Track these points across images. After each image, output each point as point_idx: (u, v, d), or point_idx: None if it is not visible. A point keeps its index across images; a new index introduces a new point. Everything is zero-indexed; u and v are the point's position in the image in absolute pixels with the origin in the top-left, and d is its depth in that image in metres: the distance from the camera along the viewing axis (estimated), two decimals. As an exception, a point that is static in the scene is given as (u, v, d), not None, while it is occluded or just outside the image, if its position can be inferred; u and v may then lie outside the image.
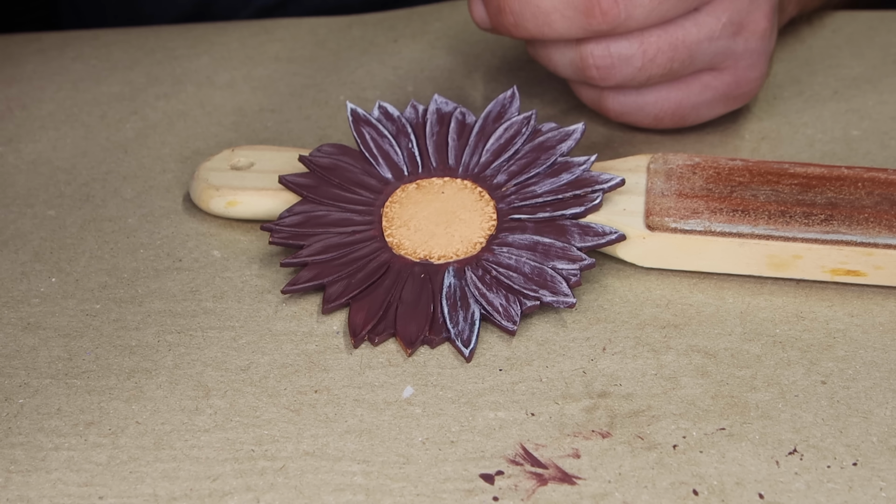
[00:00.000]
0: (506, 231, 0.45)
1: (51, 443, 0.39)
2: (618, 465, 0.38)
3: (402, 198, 0.46)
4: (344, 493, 0.37)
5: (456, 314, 0.42)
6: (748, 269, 0.45)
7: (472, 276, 0.44)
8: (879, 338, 0.43)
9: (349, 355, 0.42)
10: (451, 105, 0.49)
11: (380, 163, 0.48)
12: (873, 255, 0.43)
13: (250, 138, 0.53)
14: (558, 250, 0.44)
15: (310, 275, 0.44)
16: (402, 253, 0.44)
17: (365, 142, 0.48)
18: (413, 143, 0.48)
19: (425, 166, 0.48)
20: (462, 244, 0.45)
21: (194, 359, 0.42)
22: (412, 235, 0.45)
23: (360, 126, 0.48)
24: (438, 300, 0.43)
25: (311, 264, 0.44)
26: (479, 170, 0.47)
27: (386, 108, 0.49)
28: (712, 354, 0.42)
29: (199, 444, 0.39)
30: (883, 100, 0.54)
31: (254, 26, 0.61)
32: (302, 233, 0.45)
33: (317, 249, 0.44)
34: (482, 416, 0.40)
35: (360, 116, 0.48)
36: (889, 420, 0.40)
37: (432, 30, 0.60)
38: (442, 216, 0.46)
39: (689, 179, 0.46)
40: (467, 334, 0.42)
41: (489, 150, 0.48)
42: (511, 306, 0.43)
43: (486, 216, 0.46)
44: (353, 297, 0.43)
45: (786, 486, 0.37)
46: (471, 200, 0.46)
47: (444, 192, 0.47)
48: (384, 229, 0.45)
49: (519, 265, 0.44)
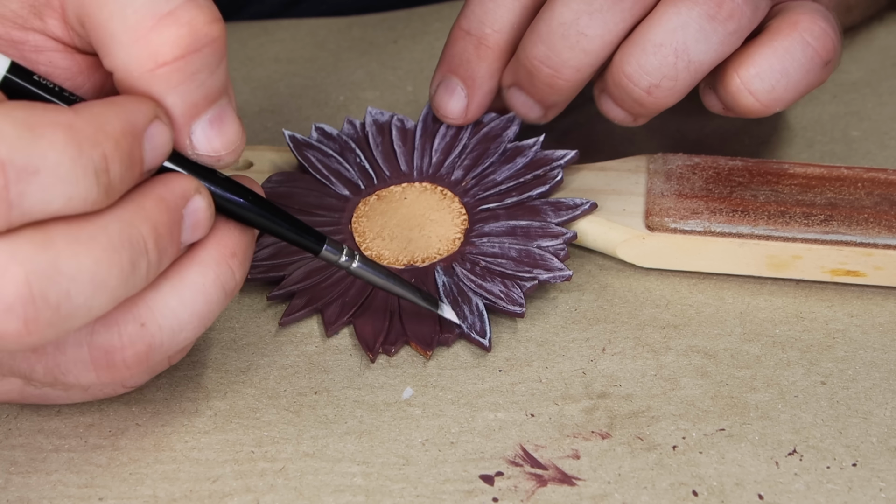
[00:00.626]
0: (479, 222, 0.45)
1: (51, 444, 0.39)
2: (617, 465, 0.38)
3: (367, 211, 0.46)
4: (344, 495, 0.37)
5: (461, 309, 0.42)
6: (748, 270, 0.45)
7: (461, 271, 0.44)
8: (879, 338, 0.43)
9: (349, 357, 0.42)
10: (386, 114, 0.49)
11: (333, 182, 0.47)
12: (873, 255, 0.43)
13: (250, 139, 0.53)
14: (538, 229, 0.45)
15: (302, 302, 0.43)
16: (385, 263, 0.44)
17: (312, 164, 0.47)
18: (361, 156, 0.48)
19: (380, 177, 0.47)
20: (441, 243, 0.45)
21: (194, 360, 0.42)
22: (389, 245, 0.45)
23: (303, 150, 0.48)
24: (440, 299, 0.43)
25: (300, 292, 0.44)
26: (434, 170, 0.47)
27: (323, 129, 0.49)
28: (712, 355, 0.42)
29: (198, 446, 0.39)
30: (882, 101, 0.54)
31: (253, 27, 0.61)
32: (278, 264, 0.44)
33: (300, 276, 0.44)
34: (482, 417, 0.40)
35: (299, 141, 0.48)
36: (889, 421, 0.40)
37: (432, 30, 0.60)
38: (413, 221, 0.46)
39: (688, 180, 0.46)
40: (479, 325, 0.42)
41: (437, 150, 0.48)
42: (511, 291, 0.43)
43: (456, 212, 0.46)
44: (352, 314, 0.43)
45: (785, 486, 0.37)
46: (435, 200, 0.46)
47: (406, 197, 0.47)
48: (359, 244, 0.45)
49: (504, 251, 0.44)
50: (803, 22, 0.43)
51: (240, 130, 0.36)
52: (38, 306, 0.31)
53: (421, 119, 0.49)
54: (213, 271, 0.35)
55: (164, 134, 0.34)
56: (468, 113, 0.47)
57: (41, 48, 0.36)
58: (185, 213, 0.34)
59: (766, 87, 0.43)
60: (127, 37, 0.33)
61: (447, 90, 0.47)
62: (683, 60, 0.42)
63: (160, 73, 0.33)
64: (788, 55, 0.43)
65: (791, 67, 0.43)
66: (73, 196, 0.31)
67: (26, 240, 0.31)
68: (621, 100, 0.44)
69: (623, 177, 0.47)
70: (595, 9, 0.43)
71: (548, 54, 0.44)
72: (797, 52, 0.43)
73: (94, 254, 0.32)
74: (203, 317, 0.35)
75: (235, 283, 0.36)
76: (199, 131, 0.35)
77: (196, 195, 0.34)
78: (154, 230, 0.33)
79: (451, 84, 0.47)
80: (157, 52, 0.33)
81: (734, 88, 0.43)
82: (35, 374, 0.34)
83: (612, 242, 0.45)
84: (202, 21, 0.33)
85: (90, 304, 0.32)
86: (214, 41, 0.34)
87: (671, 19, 0.42)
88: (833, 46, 0.43)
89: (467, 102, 0.47)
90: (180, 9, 0.33)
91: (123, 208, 0.33)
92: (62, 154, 0.31)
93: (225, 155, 0.35)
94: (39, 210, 0.31)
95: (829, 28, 0.43)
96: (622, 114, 0.45)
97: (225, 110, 0.35)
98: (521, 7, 0.45)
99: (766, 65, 0.43)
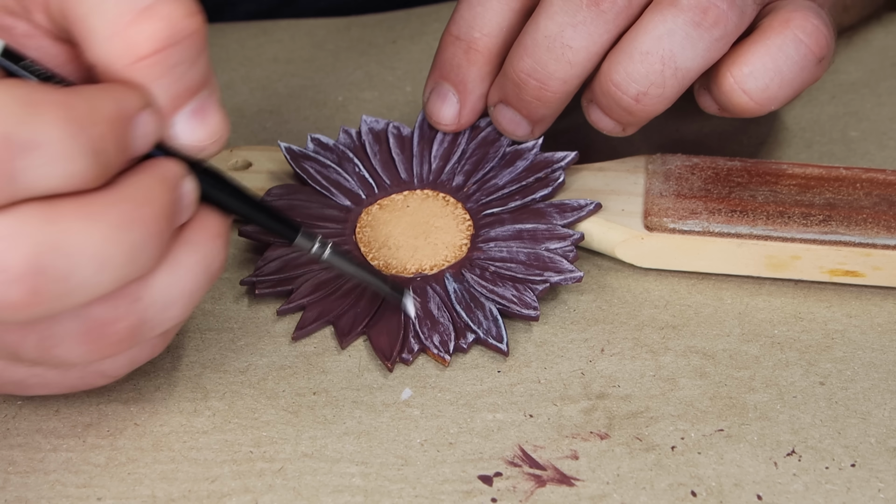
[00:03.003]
0: (485, 227, 0.45)
1: (49, 444, 0.39)
2: (616, 466, 0.38)
3: (370, 221, 0.46)
4: (342, 495, 0.37)
5: (474, 315, 0.42)
6: (746, 270, 0.45)
7: (471, 277, 0.44)
8: (878, 338, 0.43)
9: (347, 357, 0.42)
10: (381, 122, 0.49)
11: (334, 193, 0.47)
12: (871, 255, 0.43)
13: (248, 139, 0.53)
14: (544, 232, 0.44)
15: (314, 315, 0.43)
16: (393, 272, 0.44)
17: (311, 176, 0.47)
18: (359, 166, 0.48)
19: (380, 186, 0.47)
20: (448, 250, 0.45)
21: (192, 360, 0.42)
22: (396, 254, 0.45)
23: (301, 162, 0.48)
24: (452, 306, 0.43)
25: (310, 305, 0.43)
26: (434, 176, 0.47)
27: (319, 139, 0.48)
28: (711, 355, 0.42)
29: (197, 446, 0.39)
30: (881, 102, 0.54)
31: (252, 28, 0.61)
32: (286, 277, 0.44)
33: (309, 289, 0.44)
34: (480, 418, 0.40)
35: (296, 153, 0.48)
36: (887, 421, 0.40)
37: (430, 31, 0.60)
38: (417, 229, 0.46)
39: (687, 180, 0.46)
40: (495, 330, 0.42)
41: (436, 156, 0.48)
42: (524, 295, 0.43)
43: (460, 218, 0.46)
44: (366, 325, 0.43)
45: (784, 487, 0.37)
46: (438, 207, 0.46)
47: (408, 205, 0.46)
48: (365, 254, 0.45)
49: (513, 255, 0.44)
50: (795, 19, 0.43)
51: (222, 121, 0.36)
52: (46, 278, 0.31)
53: (417, 125, 0.48)
54: (201, 251, 0.36)
55: (153, 123, 0.34)
56: (461, 119, 0.47)
57: (31, 34, 0.36)
58: (179, 193, 0.35)
59: (760, 85, 0.43)
60: (106, 31, 0.33)
61: (439, 96, 0.47)
62: (670, 68, 0.42)
63: (140, 67, 0.34)
64: (781, 53, 0.43)
65: (784, 65, 0.43)
66: (72, 172, 0.32)
67: (34, 213, 0.31)
68: (610, 109, 0.44)
69: (622, 177, 0.47)
70: (579, 21, 0.43)
71: (534, 67, 0.44)
72: (790, 50, 0.43)
73: (103, 230, 0.32)
74: (192, 295, 0.36)
75: (219, 263, 0.36)
76: (182, 122, 0.35)
77: (186, 177, 0.35)
78: (159, 210, 0.34)
79: (442, 90, 0.47)
80: (136, 46, 0.33)
81: (728, 88, 0.43)
82: (25, 346, 0.34)
83: (610, 243, 0.45)
84: (180, 14, 0.34)
85: (97, 279, 0.32)
86: (193, 34, 0.34)
87: (657, 27, 0.42)
88: (826, 43, 0.43)
89: (459, 108, 0.47)
90: (158, 3, 0.33)
91: (131, 187, 0.33)
92: (62, 131, 0.31)
93: (208, 145, 0.36)
94: (41, 185, 0.31)
95: (821, 24, 0.43)
96: (611, 123, 0.45)
97: (207, 101, 0.36)
98: (510, 11, 0.46)
99: (760, 63, 0.43)
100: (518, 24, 0.46)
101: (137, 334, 0.35)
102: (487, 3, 0.46)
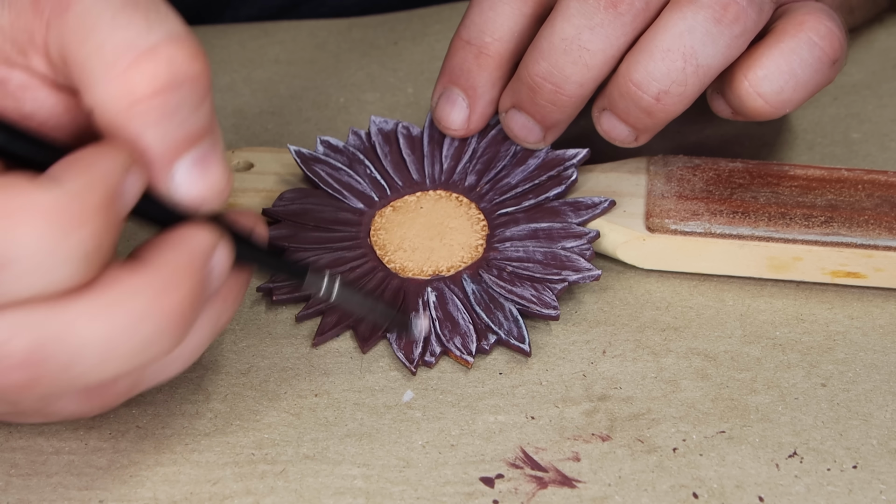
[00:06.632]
0: (500, 227, 0.45)
1: (51, 446, 0.39)
2: (618, 468, 0.38)
3: (384, 223, 0.46)
4: (344, 497, 0.37)
5: (495, 316, 0.42)
6: (748, 271, 0.45)
7: (489, 277, 0.43)
8: (879, 340, 0.43)
9: (349, 359, 0.42)
10: (391, 122, 0.49)
11: (346, 196, 0.47)
12: (873, 257, 0.43)
13: (250, 140, 0.53)
14: (560, 231, 0.44)
15: (333, 320, 0.43)
16: (409, 275, 0.44)
17: (323, 179, 0.47)
18: (371, 168, 0.47)
19: (392, 188, 0.47)
20: (464, 251, 0.45)
21: (194, 363, 0.42)
22: (412, 256, 0.45)
23: (311, 165, 0.47)
24: (471, 308, 0.43)
25: (329, 310, 0.43)
26: (446, 177, 0.47)
27: (329, 142, 0.48)
28: (712, 357, 0.42)
29: (199, 448, 0.39)
30: (883, 103, 0.54)
31: (254, 29, 0.61)
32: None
33: None
34: (482, 420, 0.40)
35: (306, 156, 0.48)
36: (889, 423, 0.40)
37: (432, 32, 0.60)
38: (432, 230, 0.46)
39: (689, 181, 0.46)
40: (517, 331, 0.42)
41: (447, 156, 0.47)
42: (543, 294, 0.43)
43: (475, 219, 0.46)
44: (386, 329, 0.42)
45: (786, 489, 0.37)
46: (452, 208, 0.46)
47: (422, 206, 0.46)
48: (381, 258, 0.45)
49: (529, 255, 0.44)
50: (809, 22, 0.43)
51: (225, 173, 0.34)
52: (47, 367, 0.31)
53: (426, 125, 0.48)
54: (214, 313, 0.35)
55: (139, 182, 0.33)
56: (470, 124, 0.47)
57: (27, 86, 0.35)
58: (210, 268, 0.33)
59: (775, 88, 0.43)
60: (105, 73, 0.32)
61: (448, 101, 0.47)
62: (692, 65, 0.42)
63: (137, 110, 0.32)
64: (796, 55, 0.43)
65: (799, 68, 0.43)
66: (58, 280, 0.30)
67: (39, 303, 0.31)
68: (627, 112, 0.44)
69: (623, 178, 0.47)
70: (596, 23, 0.43)
71: (550, 70, 0.43)
72: (804, 52, 0.43)
73: (109, 324, 0.31)
74: (197, 353, 0.35)
75: (228, 319, 0.36)
76: (182, 173, 0.33)
77: (219, 245, 0.34)
78: (185, 296, 0.32)
79: (452, 95, 0.47)
80: (135, 88, 0.32)
81: (743, 91, 0.43)
82: (22, 405, 0.34)
83: (612, 244, 0.45)
84: (183, 57, 0.32)
85: (101, 368, 0.32)
86: (196, 78, 0.33)
87: (678, 24, 0.42)
88: (840, 45, 0.43)
89: (469, 113, 0.47)
90: (160, 45, 0.32)
91: (150, 274, 0.32)
92: (40, 243, 0.30)
93: (209, 199, 0.34)
94: (25, 294, 0.30)
95: (834, 27, 0.43)
96: (625, 131, 0.45)
97: (209, 151, 0.34)
98: (521, 15, 0.45)
99: (774, 66, 0.43)
100: (529, 29, 0.45)
101: (137, 389, 0.35)
102: (499, 8, 0.45)
